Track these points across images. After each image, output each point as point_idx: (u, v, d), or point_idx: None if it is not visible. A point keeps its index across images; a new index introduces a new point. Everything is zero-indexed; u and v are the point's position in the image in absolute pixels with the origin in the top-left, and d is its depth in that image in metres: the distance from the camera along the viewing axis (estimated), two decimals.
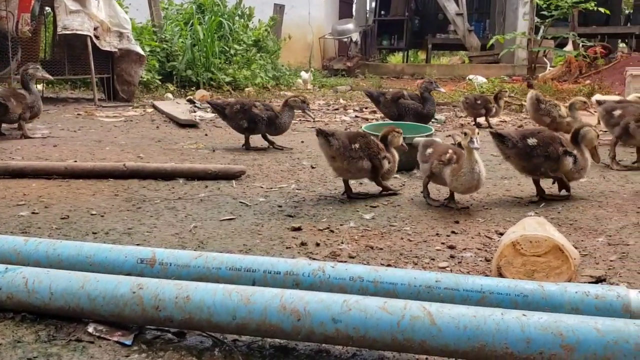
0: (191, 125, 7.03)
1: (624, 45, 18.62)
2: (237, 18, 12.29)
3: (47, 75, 6.41)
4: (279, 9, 14.64)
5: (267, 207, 3.63)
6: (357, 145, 3.71)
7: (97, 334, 1.93)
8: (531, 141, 3.73)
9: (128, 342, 1.89)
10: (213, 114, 8.12)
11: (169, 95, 9.77)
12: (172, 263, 2.22)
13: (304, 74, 12.32)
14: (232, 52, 11.53)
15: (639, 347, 1.56)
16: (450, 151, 3.58)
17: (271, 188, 4.11)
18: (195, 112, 8.31)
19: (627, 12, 19.79)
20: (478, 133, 3.32)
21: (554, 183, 3.97)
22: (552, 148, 3.71)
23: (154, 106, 8.62)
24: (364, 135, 3.85)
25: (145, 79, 10.12)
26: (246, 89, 10.69)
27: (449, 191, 3.68)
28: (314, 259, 2.72)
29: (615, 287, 1.94)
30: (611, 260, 2.74)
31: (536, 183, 3.89)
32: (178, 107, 8.22)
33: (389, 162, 3.82)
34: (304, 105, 5.38)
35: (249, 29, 12.47)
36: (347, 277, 2.06)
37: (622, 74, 10.10)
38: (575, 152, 3.75)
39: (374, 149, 3.77)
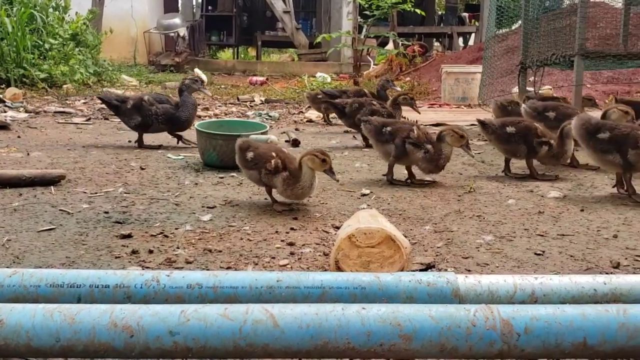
0: (1, 126, 6.35)
1: (439, 44, 20.20)
2: (51, 10, 11.37)
3: (206, 92, 5.66)
4: (99, 1, 13.80)
5: (91, 214, 3.36)
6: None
7: None
8: (510, 129, 4.40)
9: None
10: (27, 114, 7.43)
11: None
12: None
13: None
14: (47, 46, 10.65)
15: (469, 330, 1.64)
16: (274, 156, 3.47)
17: (96, 193, 3.82)
18: (5, 112, 7.54)
19: (440, 13, 21.45)
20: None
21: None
22: (529, 137, 4.34)
23: None
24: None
25: None
26: (64, 86, 9.94)
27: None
28: (147, 267, 2.55)
29: (445, 274, 2.03)
30: (438, 247, 2.90)
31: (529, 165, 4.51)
32: None
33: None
34: (413, 102, 5.73)
35: (65, 22, 11.59)
36: (185, 285, 1.95)
37: (438, 71, 10.92)
38: (552, 141, 4.31)
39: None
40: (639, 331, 1.64)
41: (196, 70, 9.08)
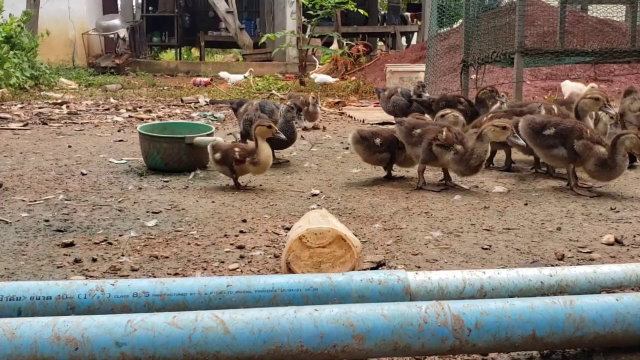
0: None
1: (382, 43, 20.42)
2: None
3: (302, 123, 4.98)
4: (33, 2, 13.32)
5: (31, 222, 3.23)
6: None
7: None
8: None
9: None
10: None
11: None
12: None
13: (234, 76, 11.61)
14: None
15: (421, 327, 1.65)
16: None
17: (35, 201, 3.67)
18: None
19: (382, 13, 21.66)
20: None
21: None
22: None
23: None
24: None
25: None
26: None
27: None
28: (90, 277, 2.47)
29: (396, 271, 2.04)
30: (388, 245, 2.92)
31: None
32: None
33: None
34: (495, 94, 5.30)
35: None
36: (131, 294, 1.88)
37: (383, 70, 11.02)
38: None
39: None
40: (585, 321, 1.68)
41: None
